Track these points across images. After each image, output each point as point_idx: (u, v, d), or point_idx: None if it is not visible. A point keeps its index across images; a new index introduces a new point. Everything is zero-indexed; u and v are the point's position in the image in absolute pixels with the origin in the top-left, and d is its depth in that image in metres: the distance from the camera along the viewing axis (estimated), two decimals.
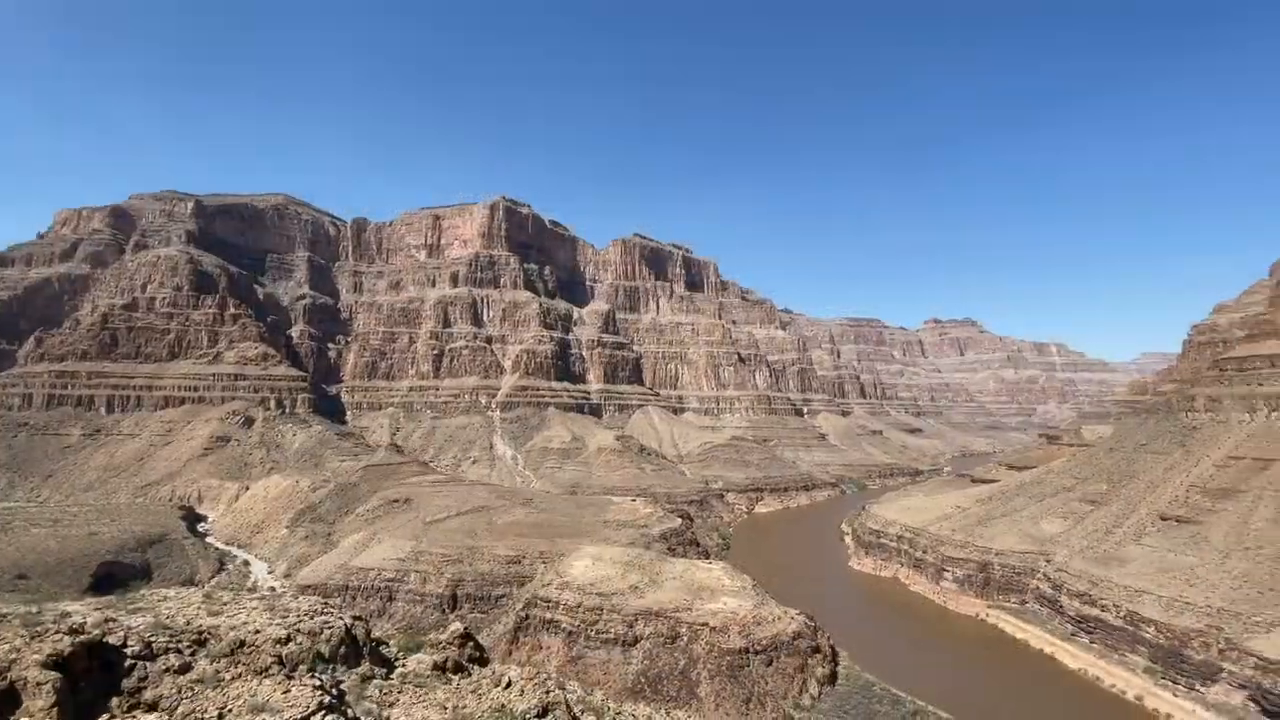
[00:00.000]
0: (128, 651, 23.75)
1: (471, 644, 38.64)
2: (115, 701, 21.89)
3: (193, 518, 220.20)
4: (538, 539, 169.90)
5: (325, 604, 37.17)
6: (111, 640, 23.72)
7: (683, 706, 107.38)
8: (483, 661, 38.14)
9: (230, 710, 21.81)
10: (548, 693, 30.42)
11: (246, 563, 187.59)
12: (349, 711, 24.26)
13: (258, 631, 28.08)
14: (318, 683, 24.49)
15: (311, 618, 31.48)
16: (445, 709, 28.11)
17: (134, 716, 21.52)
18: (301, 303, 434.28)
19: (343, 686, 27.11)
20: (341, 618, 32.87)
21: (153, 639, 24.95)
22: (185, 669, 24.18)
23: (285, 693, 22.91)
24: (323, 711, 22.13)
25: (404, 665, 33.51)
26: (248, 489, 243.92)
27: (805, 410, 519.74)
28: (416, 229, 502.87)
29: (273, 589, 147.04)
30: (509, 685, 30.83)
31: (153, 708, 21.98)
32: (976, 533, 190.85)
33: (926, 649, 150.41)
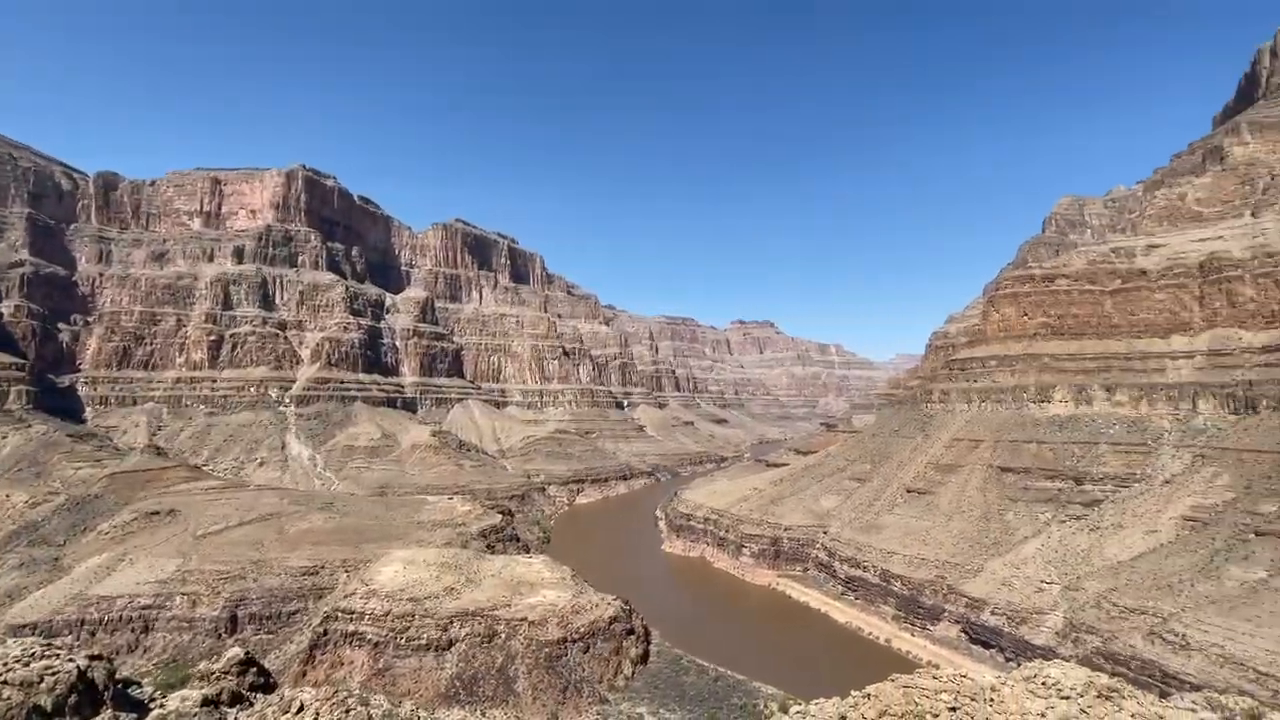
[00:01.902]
0: None
1: (254, 669, 34.27)
2: None
3: None
4: (340, 546, 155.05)
5: (49, 646, 30.22)
6: None
7: (500, 705, 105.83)
8: (269, 688, 34.02)
9: None
10: (347, 711, 28.10)
11: None
12: None
13: None
14: None
15: (25, 664, 25.50)
16: None
17: None
18: (18, 271, 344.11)
19: None
20: (72, 659, 27.09)
21: None
22: None
23: None
24: None
25: (163, 706, 28.61)
26: None
27: (626, 403, 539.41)
28: (189, 192, 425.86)
29: None
30: (300, 710, 27.90)
31: None
32: (770, 511, 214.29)
33: (728, 618, 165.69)
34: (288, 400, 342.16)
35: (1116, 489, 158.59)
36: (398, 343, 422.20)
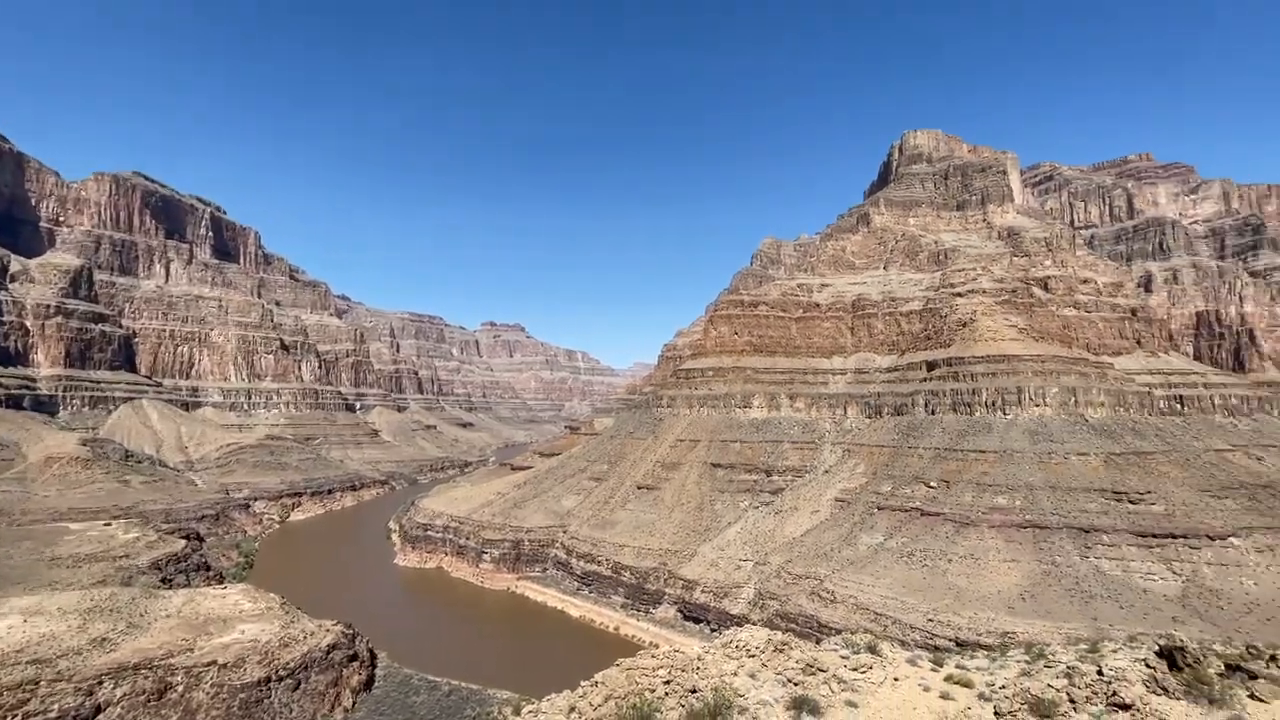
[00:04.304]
0: None
1: None
2: None
3: None
4: None
5: None
6: None
7: None
8: None
9: None
10: None
11: None
12: None
13: None
14: None
15: None
16: None
17: None
18: None
19: None
20: None
21: None
22: None
23: None
24: None
25: None
26: None
27: (359, 405, 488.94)
28: None
29: None
30: None
31: None
32: (513, 515, 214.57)
33: (464, 628, 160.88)
34: None
35: (794, 478, 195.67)
36: (30, 323, 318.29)
